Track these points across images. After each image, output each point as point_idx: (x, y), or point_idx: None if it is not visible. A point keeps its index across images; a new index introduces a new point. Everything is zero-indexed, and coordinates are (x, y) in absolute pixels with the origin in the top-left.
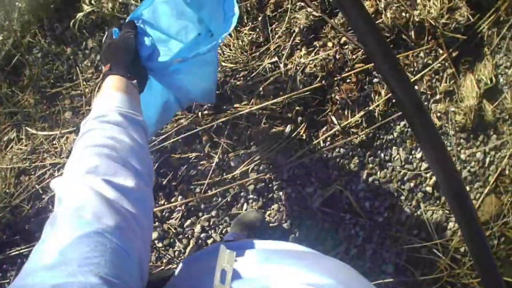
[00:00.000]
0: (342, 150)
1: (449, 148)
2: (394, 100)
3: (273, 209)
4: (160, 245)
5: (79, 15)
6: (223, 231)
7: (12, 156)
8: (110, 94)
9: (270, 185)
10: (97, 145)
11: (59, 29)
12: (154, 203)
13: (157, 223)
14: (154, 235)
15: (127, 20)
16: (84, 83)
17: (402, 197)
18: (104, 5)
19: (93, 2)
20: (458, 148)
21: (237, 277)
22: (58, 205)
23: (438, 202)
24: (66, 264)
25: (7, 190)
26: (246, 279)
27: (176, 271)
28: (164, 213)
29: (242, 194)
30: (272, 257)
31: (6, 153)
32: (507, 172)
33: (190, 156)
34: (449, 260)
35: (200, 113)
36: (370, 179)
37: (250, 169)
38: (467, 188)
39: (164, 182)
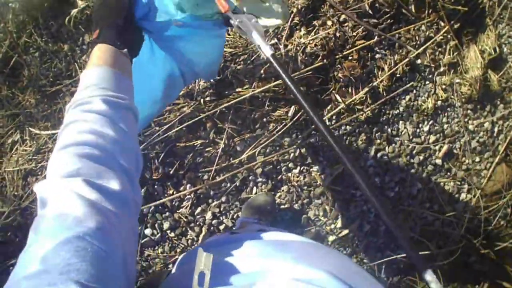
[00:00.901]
0: (348, 128)
1: (456, 120)
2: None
3: (282, 190)
4: (172, 234)
5: (74, 11)
6: (234, 216)
7: (18, 158)
8: (96, 70)
9: (278, 167)
10: (79, 144)
11: (55, 27)
12: (163, 193)
13: (167, 213)
14: (166, 225)
15: None
16: None
17: (412, 171)
18: None
19: None
20: (466, 119)
21: (227, 273)
22: (41, 210)
23: (448, 174)
24: (47, 272)
25: (16, 193)
26: (235, 275)
27: (173, 270)
28: (174, 203)
29: (250, 178)
30: (266, 251)
31: (12, 156)
32: None
33: (195, 144)
34: (464, 231)
35: (202, 100)
36: (379, 154)
37: (257, 152)
38: (477, 159)
39: (171, 172)
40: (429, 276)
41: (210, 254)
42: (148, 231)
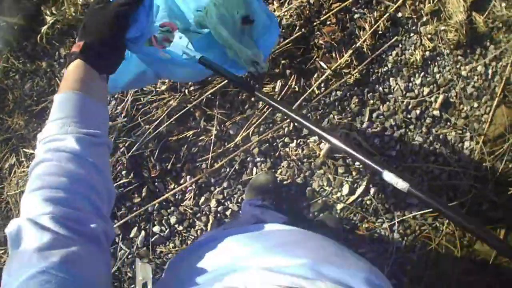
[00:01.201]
0: (338, 93)
1: (447, 68)
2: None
3: (283, 166)
4: (181, 228)
5: (44, 28)
6: (239, 200)
7: (18, 181)
8: (72, 96)
9: (274, 144)
10: (48, 187)
11: (29, 47)
12: (164, 189)
13: (172, 208)
14: (173, 219)
15: None
16: None
17: (411, 127)
18: (66, 11)
19: (54, 11)
20: (458, 66)
21: (199, 273)
22: (10, 250)
23: (448, 124)
24: None
25: None
26: (204, 275)
27: (163, 275)
28: (176, 196)
29: (248, 159)
30: (240, 244)
31: (11, 179)
32: None
33: (187, 135)
34: (472, 180)
35: (186, 91)
36: (374, 115)
37: (250, 133)
38: (475, 104)
39: (169, 167)
40: (388, 177)
41: (146, 264)
42: (156, 229)
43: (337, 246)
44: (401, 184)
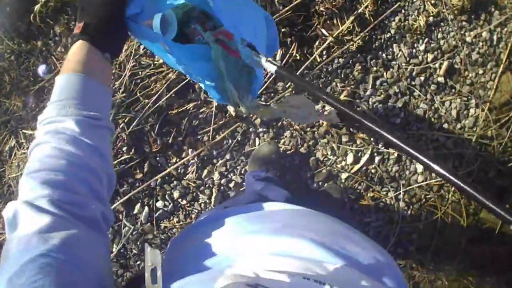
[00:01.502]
0: (341, 60)
1: (452, 34)
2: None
3: (286, 136)
4: (184, 202)
5: (37, 7)
6: (242, 171)
7: (19, 163)
8: (73, 78)
9: None
10: (46, 169)
11: (23, 27)
12: (166, 164)
13: (175, 182)
14: (176, 194)
15: None
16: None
17: (415, 93)
18: None
19: None
20: (462, 32)
21: (206, 256)
22: (8, 234)
23: (453, 91)
24: None
25: None
26: (212, 258)
27: (163, 257)
28: (179, 170)
29: (250, 130)
30: (247, 226)
31: (12, 162)
32: None
33: (188, 108)
34: (478, 148)
35: None
36: (378, 82)
37: None
38: (481, 71)
39: (170, 140)
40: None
41: (156, 250)
42: (159, 204)
43: (343, 225)
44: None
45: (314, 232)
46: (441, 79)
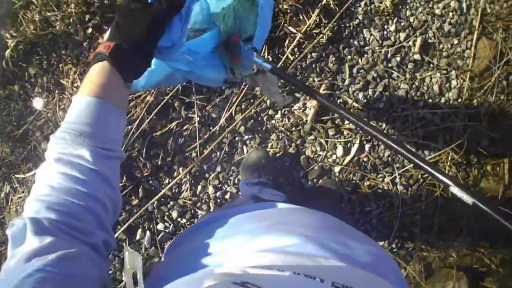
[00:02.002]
0: (314, 55)
1: (420, 9)
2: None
3: (272, 139)
4: (184, 221)
5: (7, 52)
6: (235, 181)
7: (16, 208)
8: (93, 103)
9: (259, 118)
10: (58, 198)
11: None
12: (160, 185)
13: (171, 202)
14: (174, 214)
15: None
16: (44, 109)
17: (394, 75)
18: (26, 30)
19: (14, 34)
20: (430, 5)
21: (199, 257)
22: (10, 251)
23: (431, 66)
24: None
25: None
26: (207, 257)
27: (162, 259)
28: (173, 190)
29: (236, 139)
30: (241, 226)
31: (10, 207)
32: (488, 10)
33: (171, 127)
34: (466, 119)
35: None
36: (354, 70)
37: (233, 112)
38: (455, 41)
39: (159, 162)
40: (456, 190)
41: (135, 253)
42: (160, 226)
43: (335, 220)
44: (466, 199)
45: (305, 228)
46: (417, 56)
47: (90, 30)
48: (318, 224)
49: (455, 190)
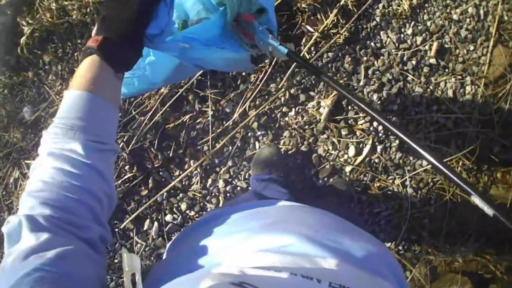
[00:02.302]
0: (330, 55)
1: (437, 14)
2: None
3: (285, 136)
4: (192, 213)
5: (23, 39)
6: (246, 176)
7: None
8: (84, 97)
9: (273, 115)
10: (51, 192)
11: (12, 60)
12: (170, 177)
13: (181, 194)
14: (183, 206)
15: None
16: (57, 96)
17: (409, 78)
18: (42, 18)
19: (30, 21)
20: (447, 10)
21: (198, 256)
22: (7, 249)
23: (446, 71)
24: None
25: None
26: (205, 257)
27: (164, 256)
28: (183, 182)
29: (249, 134)
30: (241, 224)
31: (19, 192)
32: (505, 18)
33: (184, 120)
34: (479, 126)
35: None
36: (369, 71)
37: (247, 108)
38: (471, 47)
39: (171, 154)
40: (477, 200)
41: (133, 254)
42: (168, 217)
43: (337, 219)
44: (486, 210)
45: (305, 227)
46: (433, 61)
47: None
48: (317, 222)
49: (476, 200)
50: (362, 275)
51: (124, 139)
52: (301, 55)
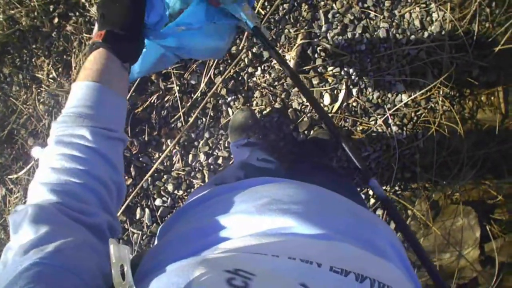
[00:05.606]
0: (286, 6)
1: None
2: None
3: (256, 97)
4: (181, 192)
5: None
6: (226, 145)
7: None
8: (92, 87)
9: (239, 78)
10: (60, 179)
11: None
12: (151, 161)
13: (165, 176)
14: (170, 187)
15: None
16: (24, 106)
17: (371, 15)
18: None
19: None
20: None
21: (190, 241)
22: (12, 235)
23: (409, 1)
24: None
25: None
26: (198, 242)
27: (155, 242)
28: (165, 164)
29: (220, 102)
30: (232, 206)
31: (8, 209)
32: None
33: (152, 101)
34: (452, 52)
35: None
36: (330, 15)
37: (212, 75)
38: None
39: (146, 138)
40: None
41: (120, 245)
42: (158, 202)
43: (329, 194)
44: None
45: (300, 205)
46: None
47: (56, 19)
48: (310, 198)
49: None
50: (365, 256)
51: None
52: (256, 11)
